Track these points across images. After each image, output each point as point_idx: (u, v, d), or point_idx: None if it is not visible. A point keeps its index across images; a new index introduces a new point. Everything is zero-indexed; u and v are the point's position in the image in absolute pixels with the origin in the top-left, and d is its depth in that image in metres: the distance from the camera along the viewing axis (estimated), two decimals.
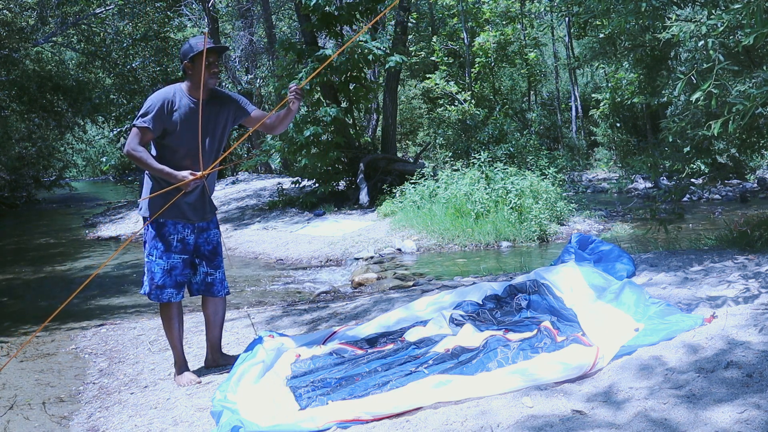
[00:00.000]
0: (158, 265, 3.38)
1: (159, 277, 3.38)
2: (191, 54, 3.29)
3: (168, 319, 3.49)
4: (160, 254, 3.38)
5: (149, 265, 3.40)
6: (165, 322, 3.51)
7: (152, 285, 3.39)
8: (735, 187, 13.42)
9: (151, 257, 3.40)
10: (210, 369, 3.69)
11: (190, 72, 3.33)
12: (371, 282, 6.68)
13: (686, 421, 2.21)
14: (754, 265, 3.99)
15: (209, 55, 3.29)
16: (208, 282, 3.54)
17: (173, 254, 3.39)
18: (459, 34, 20.19)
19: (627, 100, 16.25)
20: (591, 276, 3.72)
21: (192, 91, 3.35)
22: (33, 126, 18.63)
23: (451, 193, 9.59)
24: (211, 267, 3.54)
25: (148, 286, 3.42)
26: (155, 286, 3.39)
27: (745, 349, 2.64)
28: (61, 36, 18.06)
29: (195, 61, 3.30)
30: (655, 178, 11.05)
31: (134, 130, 3.28)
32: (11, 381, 3.94)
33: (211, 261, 3.53)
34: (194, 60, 3.30)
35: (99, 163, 35.55)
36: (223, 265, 3.62)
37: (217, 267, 3.56)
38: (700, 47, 4.14)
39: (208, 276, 3.54)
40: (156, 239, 3.38)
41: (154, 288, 3.39)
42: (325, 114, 11.11)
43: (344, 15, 11.61)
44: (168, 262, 3.38)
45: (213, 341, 3.69)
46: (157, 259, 3.38)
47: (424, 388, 2.70)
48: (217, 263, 3.56)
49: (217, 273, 3.56)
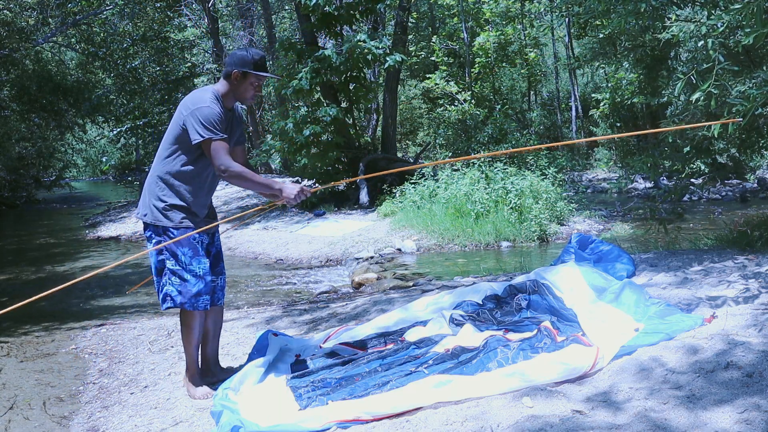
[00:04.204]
0: (190, 272, 3.11)
1: (194, 283, 3.11)
2: (247, 69, 3.09)
3: (192, 329, 3.20)
4: (190, 260, 3.11)
5: (179, 273, 3.10)
6: (188, 331, 3.20)
7: (187, 294, 3.10)
8: (735, 187, 13.41)
9: (180, 265, 3.10)
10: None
11: (235, 82, 3.12)
12: (371, 282, 6.68)
13: (686, 422, 2.21)
14: (754, 265, 3.99)
15: (261, 77, 3.14)
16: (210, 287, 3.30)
17: (202, 258, 3.16)
18: (459, 34, 20.20)
19: (627, 100, 16.24)
20: (591, 276, 3.72)
21: (226, 100, 3.16)
22: (33, 126, 18.62)
23: (451, 193, 9.60)
24: (213, 273, 3.32)
25: (180, 295, 3.10)
26: (191, 294, 3.11)
27: (745, 349, 2.63)
28: (61, 36, 18.05)
29: (247, 76, 3.10)
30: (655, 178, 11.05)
31: (217, 145, 2.98)
32: (11, 381, 3.95)
33: (216, 266, 3.33)
34: (246, 74, 3.10)
35: (99, 163, 35.60)
36: (225, 272, 3.44)
37: (221, 273, 3.37)
38: (700, 47, 4.15)
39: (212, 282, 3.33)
40: (181, 245, 3.10)
41: (191, 297, 3.11)
42: (325, 114, 11.12)
43: (344, 15, 11.62)
44: (200, 267, 3.14)
45: (212, 354, 3.44)
46: (188, 265, 3.11)
47: (424, 388, 2.70)
48: (221, 269, 3.37)
49: (219, 279, 3.36)
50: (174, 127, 3.12)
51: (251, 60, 3.09)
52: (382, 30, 13.48)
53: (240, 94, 3.15)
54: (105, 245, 11.05)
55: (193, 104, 3.04)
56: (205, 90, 3.14)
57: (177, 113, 3.12)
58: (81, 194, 23.51)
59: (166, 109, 21.15)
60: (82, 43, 18.47)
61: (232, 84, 3.13)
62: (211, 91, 3.11)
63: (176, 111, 3.15)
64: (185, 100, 3.12)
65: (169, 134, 3.15)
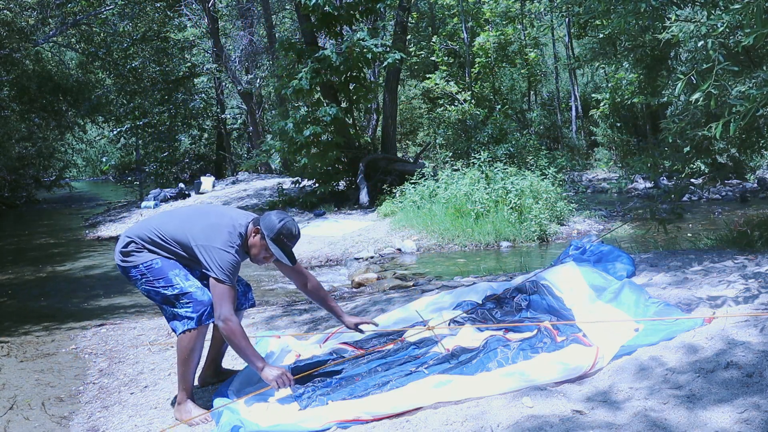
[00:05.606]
0: (191, 285, 2.94)
1: (200, 294, 2.93)
2: (267, 234, 2.93)
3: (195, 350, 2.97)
4: (185, 276, 2.96)
5: (180, 289, 2.92)
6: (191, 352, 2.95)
7: (201, 307, 2.92)
8: (735, 187, 13.41)
9: (176, 285, 2.92)
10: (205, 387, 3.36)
11: (254, 241, 2.98)
12: (371, 282, 6.68)
13: (686, 422, 2.21)
14: (754, 265, 3.98)
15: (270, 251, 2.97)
16: None
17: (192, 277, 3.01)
18: (459, 34, 20.20)
19: (627, 100, 16.25)
20: (591, 276, 3.72)
21: (246, 249, 3.00)
22: (33, 126, 18.62)
23: (451, 193, 9.60)
24: None
25: (195, 313, 2.91)
26: (204, 306, 2.92)
27: (745, 349, 2.63)
28: (61, 36, 18.06)
29: (263, 240, 2.95)
30: (655, 178, 11.06)
31: (226, 291, 2.83)
32: (11, 381, 3.95)
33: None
34: (264, 238, 2.95)
35: (99, 163, 35.58)
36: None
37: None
38: (699, 47, 4.14)
39: None
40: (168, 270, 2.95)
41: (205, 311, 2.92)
42: (325, 114, 11.12)
43: (344, 15, 11.62)
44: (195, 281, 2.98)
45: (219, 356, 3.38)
46: (184, 281, 2.94)
47: (424, 388, 2.71)
48: None
49: None
50: (182, 236, 2.96)
51: (276, 230, 2.92)
52: (381, 28, 13.48)
53: (250, 249, 3.00)
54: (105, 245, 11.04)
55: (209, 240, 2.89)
56: (233, 221, 2.98)
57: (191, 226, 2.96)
58: (81, 194, 23.50)
59: (165, 109, 21.17)
60: (82, 43, 18.49)
61: (251, 243, 2.99)
62: (237, 231, 2.96)
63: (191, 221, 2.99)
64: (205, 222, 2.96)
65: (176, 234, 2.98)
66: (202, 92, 23.38)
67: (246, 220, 3.03)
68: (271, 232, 2.92)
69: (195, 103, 21.96)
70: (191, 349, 2.94)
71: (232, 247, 2.89)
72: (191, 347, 2.93)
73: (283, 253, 2.97)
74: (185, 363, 2.96)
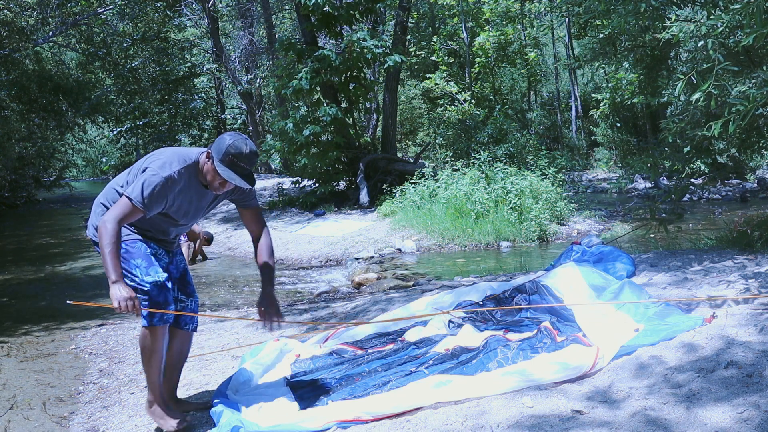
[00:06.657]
0: (149, 282, 2.71)
1: (156, 293, 2.71)
2: (219, 157, 2.67)
3: (155, 351, 2.76)
4: (146, 270, 2.73)
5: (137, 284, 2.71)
6: (151, 353, 2.76)
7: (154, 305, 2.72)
8: (735, 187, 13.41)
9: (134, 277, 2.71)
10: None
11: (207, 168, 2.75)
12: (371, 282, 6.68)
13: (685, 421, 2.21)
14: (754, 265, 3.99)
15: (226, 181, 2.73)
16: (178, 309, 2.93)
17: (158, 267, 2.78)
18: (459, 34, 20.20)
19: (627, 100, 16.25)
20: (590, 276, 3.72)
21: (201, 177, 2.80)
22: (33, 126, 18.63)
23: (451, 193, 9.60)
24: (183, 293, 2.99)
25: (148, 313, 2.72)
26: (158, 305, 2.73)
27: (744, 349, 2.64)
28: (61, 36, 18.06)
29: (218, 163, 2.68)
30: (655, 178, 11.06)
31: (126, 203, 2.62)
32: (11, 381, 3.95)
33: (184, 287, 2.99)
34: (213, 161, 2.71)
35: (99, 163, 35.61)
36: (197, 295, 3.08)
37: (190, 295, 3.02)
38: (700, 47, 4.15)
39: (179, 303, 2.95)
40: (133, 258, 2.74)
41: (157, 314, 2.72)
42: (324, 114, 11.12)
43: (344, 15, 11.62)
44: (157, 275, 2.74)
45: (171, 384, 3.03)
46: (143, 276, 2.71)
47: (424, 388, 2.71)
48: (191, 291, 3.02)
49: (189, 301, 3.00)
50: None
51: (224, 151, 2.66)
52: (381, 29, 13.48)
53: (206, 177, 2.78)
54: None
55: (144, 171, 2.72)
56: (183, 152, 2.80)
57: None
58: (81, 194, 23.49)
59: (165, 109, 21.18)
60: (82, 43, 18.49)
61: (208, 167, 2.75)
62: (183, 159, 2.76)
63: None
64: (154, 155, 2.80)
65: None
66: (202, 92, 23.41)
67: (202, 150, 2.83)
68: (219, 153, 2.67)
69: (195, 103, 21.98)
70: (150, 349, 2.76)
71: (165, 170, 2.67)
72: (149, 346, 2.76)
73: (235, 174, 2.67)
74: (147, 362, 2.79)
